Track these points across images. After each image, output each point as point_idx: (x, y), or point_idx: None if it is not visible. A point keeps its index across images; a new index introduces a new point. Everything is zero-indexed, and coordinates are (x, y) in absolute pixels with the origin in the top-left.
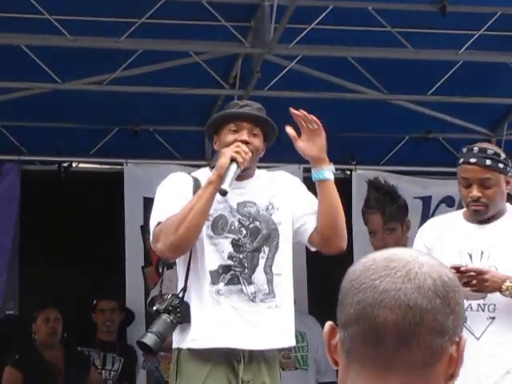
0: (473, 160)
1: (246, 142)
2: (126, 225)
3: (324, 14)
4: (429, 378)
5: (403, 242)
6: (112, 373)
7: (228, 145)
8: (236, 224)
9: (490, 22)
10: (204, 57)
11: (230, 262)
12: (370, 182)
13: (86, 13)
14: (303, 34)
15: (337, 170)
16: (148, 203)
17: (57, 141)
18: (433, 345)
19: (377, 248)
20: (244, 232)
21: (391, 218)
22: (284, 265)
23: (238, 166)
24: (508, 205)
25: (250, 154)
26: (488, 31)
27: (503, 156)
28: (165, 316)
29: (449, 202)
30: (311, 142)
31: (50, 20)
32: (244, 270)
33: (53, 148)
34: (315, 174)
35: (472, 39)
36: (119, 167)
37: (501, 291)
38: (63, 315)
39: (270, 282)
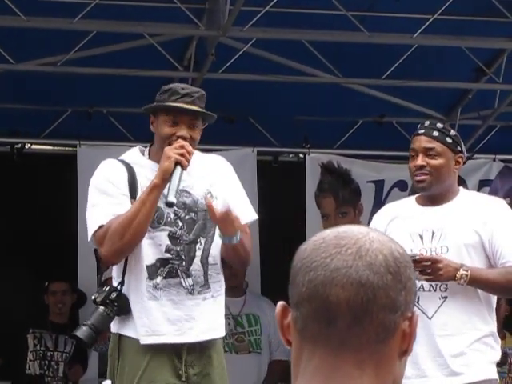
0: (421, 131)
1: (184, 138)
2: (79, 206)
3: None
4: (382, 354)
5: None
6: (64, 354)
7: (166, 138)
8: (172, 216)
9: (445, 6)
10: (159, 39)
11: (167, 255)
12: (323, 166)
13: None
14: (258, 16)
15: (290, 153)
16: None
17: (10, 122)
18: (385, 321)
19: None
20: (180, 224)
21: (344, 202)
22: (218, 254)
23: (183, 169)
24: (461, 188)
25: (194, 152)
26: (442, 15)
27: (453, 133)
28: (101, 309)
29: (401, 186)
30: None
31: (4, 0)
32: (182, 262)
33: (6, 129)
34: (225, 240)
35: (427, 23)
36: (72, 149)
37: (455, 279)
38: (15, 297)
39: (205, 273)
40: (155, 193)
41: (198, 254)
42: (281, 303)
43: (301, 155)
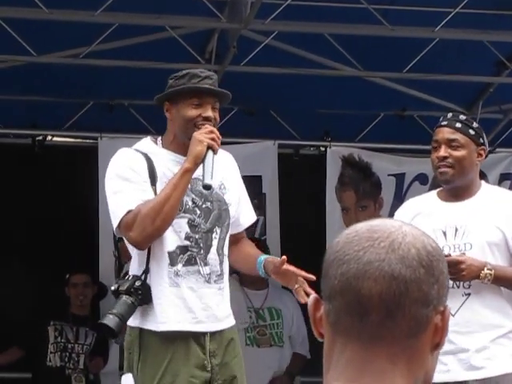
0: (444, 123)
1: (207, 119)
2: (100, 199)
3: None
4: (414, 348)
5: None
6: (85, 347)
7: (191, 120)
8: (190, 203)
9: (467, 0)
10: (180, 31)
11: (187, 243)
12: (344, 159)
13: None
14: (280, 9)
15: (311, 146)
16: None
17: (31, 114)
18: (418, 315)
19: (348, 225)
20: (198, 212)
21: (364, 195)
22: (228, 245)
23: (214, 153)
24: (483, 182)
25: (220, 137)
26: (465, 9)
27: (476, 125)
28: (125, 297)
29: (422, 180)
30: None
31: None
32: (200, 250)
33: (27, 121)
34: (262, 273)
35: (449, 17)
36: (94, 141)
37: (479, 278)
38: (36, 289)
39: (221, 263)
40: (187, 177)
41: (215, 243)
42: (313, 296)
43: (322, 148)
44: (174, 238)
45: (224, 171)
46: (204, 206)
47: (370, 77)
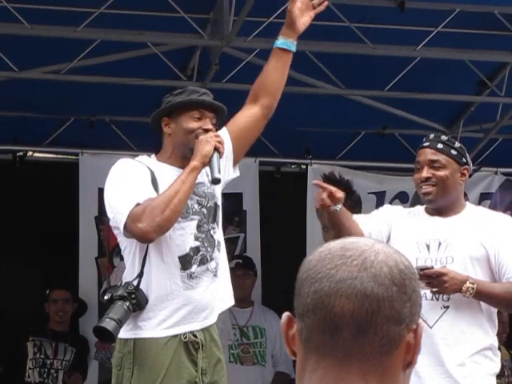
0: (426, 144)
1: (208, 131)
2: (81, 215)
3: (283, 8)
4: (387, 365)
5: None
6: (64, 363)
7: (191, 131)
8: (196, 206)
9: (448, 19)
10: (162, 48)
11: (197, 244)
12: (325, 177)
13: (45, 1)
14: (262, 27)
15: (293, 164)
16: (103, 193)
17: (12, 130)
18: (390, 333)
19: None
20: (205, 212)
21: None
22: (221, 236)
23: (220, 157)
24: (467, 202)
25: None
26: (446, 28)
27: (458, 145)
28: (120, 302)
29: (402, 198)
30: (303, 13)
31: (8, 8)
32: (207, 248)
33: (8, 137)
34: (284, 42)
35: (430, 36)
36: (75, 157)
37: (461, 292)
38: (16, 304)
39: (218, 256)
40: (194, 174)
41: (216, 237)
42: (286, 314)
43: (303, 166)
44: (186, 240)
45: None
46: (208, 205)
47: (352, 95)
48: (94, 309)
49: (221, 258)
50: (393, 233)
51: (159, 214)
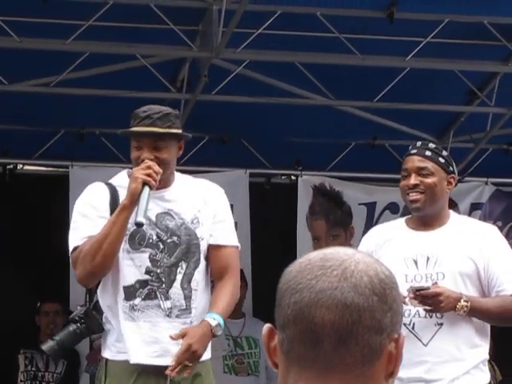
0: (413, 151)
1: (143, 161)
2: None
3: (272, 19)
4: (368, 376)
5: None
6: (55, 375)
7: (135, 162)
8: (154, 237)
9: (437, 30)
10: (151, 60)
11: (147, 277)
12: (315, 188)
13: (34, 14)
14: (251, 38)
15: (283, 175)
16: None
17: (2, 142)
18: (371, 343)
19: None
20: (161, 246)
21: (335, 225)
22: (201, 280)
23: (151, 189)
24: (451, 212)
25: (161, 171)
26: (435, 38)
27: (445, 153)
28: (71, 326)
29: (393, 209)
30: None
31: None
32: (161, 284)
33: None
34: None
35: (419, 46)
36: (65, 170)
37: (455, 310)
38: (7, 317)
39: (187, 297)
40: (124, 214)
41: (179, 277)
42: (267, 325)
43: (293, 177)
44: (133, 272)
45: (199, 205)
46: (169, 240)
47: (341, 106)
48: None
49: (190, 305)
50: (378, 254)
51: (90, 261)
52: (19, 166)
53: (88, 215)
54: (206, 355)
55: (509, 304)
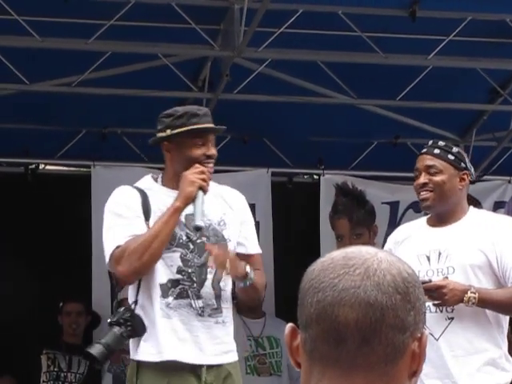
0: (423, 150)
1: (212, 157)
2: (93, 227)
3: (294, 18)
4: (392, 374)
5: None
6: (78, 376)
7: (196, 159)
8: (184, 238)
9: (460, 28)
10: (173, 59)
11: (178, 276)
12: (338, 187)
13: (55, 14)
14: (273, 37)
15: (305, 174)
16: None
17: (24, 142)
18: (395, 341)
19: None
20: (191, 247)
21: (358, 224)
22: (228, 281)
23: (204, 193)
24: (471, 207)
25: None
26: (457, 37)
27: (456, 150)
28: (116, 329)
29: (416, 208)
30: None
31: (19, 21)
32: (193, 284)
33: (20, 149)
34: (238, 283)
35: (442, 44)
36: (87, 169)
37: (463, 302)
38: (30, 317)
39: (217, 297)
40: (177, 215)
41: (210, 277)
42: (290, 325)
43: (315, 176)
44: (165, 271)
45: (225, 209)
46: (199, 240)
47: (364, 104)
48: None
49: (221, 304)
50: (396, 253)
51: (137, 259)
52: (41, 166)
53: (124, 215)
54: (235, 356)
55: None
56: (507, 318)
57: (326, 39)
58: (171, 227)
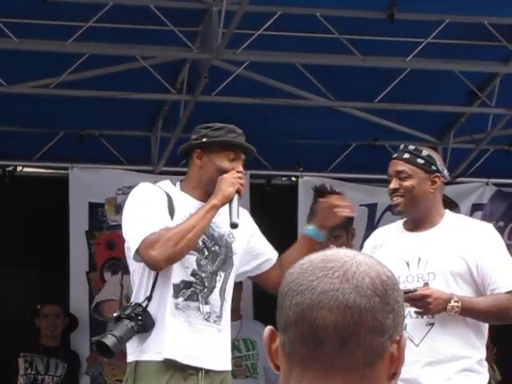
0: (394, 155)
1: (239, 172)
2: (71, 229)
3: (272, 20)
4: (370, 376)
5: None
6: (55, 378)
7: (225, 170)
8: (200, 243)
9: (438, 30)
10: (151, 61)
11: (192, 279)
12: (316, 189)
13: (33, 15)
14: (251, 39)
15: (283, 176)
16: (93, 208)
17: (1, 144)
18: (373, 344)
19: None
20: (206, 253)
21: (336, 226)
22: (230, 293)
23: (239, 196)
24: (447, 211)
25: None
26: (436, 39)
27: (426, 153)
28: (126, 321)
29: (394, 210)
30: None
31: None
32: (204, 289)
33: None
34: (315, 234)
35: (420, 47)
36: (64, 172)
37: (446, 311)
38: (6, 320)
39: (221, 305)
40: (213, 212)
41: (218, 285)
42: (269, 328)
43: (294, 178)
44: (181, 272)
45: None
46: (213, 248)
47: (342, 107)
48: (85, 324)
49: (224, 314)
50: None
51: (172, 245)
52: (19, 168)
53: (155, 207)
54: (230, 366)
55: (502, 302)
56: (486, 324)
57: (304, 41)
58: (207, 222)
